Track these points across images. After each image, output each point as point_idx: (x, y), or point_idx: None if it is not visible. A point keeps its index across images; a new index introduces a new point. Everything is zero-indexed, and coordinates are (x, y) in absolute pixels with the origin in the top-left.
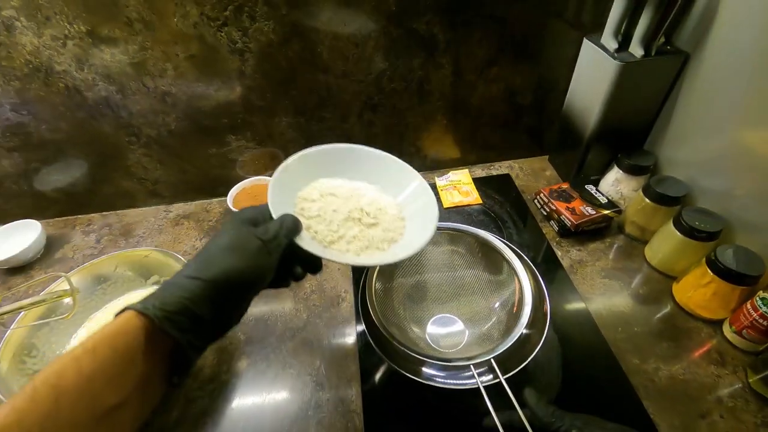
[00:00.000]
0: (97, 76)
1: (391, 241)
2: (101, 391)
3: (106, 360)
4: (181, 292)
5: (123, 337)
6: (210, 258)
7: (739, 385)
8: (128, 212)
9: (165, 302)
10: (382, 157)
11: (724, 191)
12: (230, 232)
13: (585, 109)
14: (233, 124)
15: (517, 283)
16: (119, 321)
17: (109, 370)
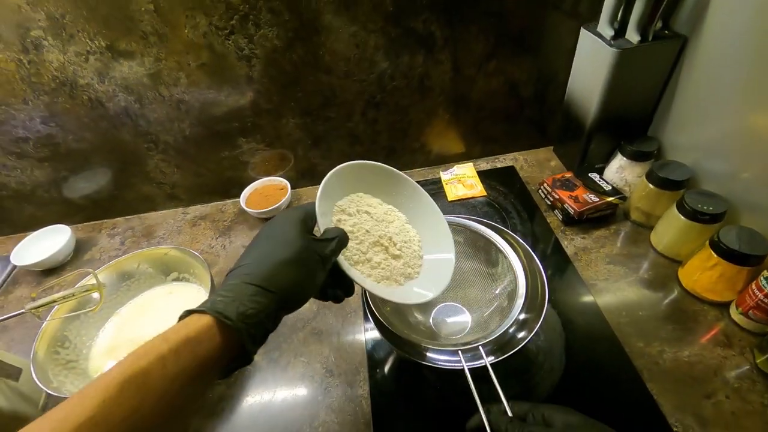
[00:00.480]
0: (116, 87)
1: (407, 276)
2: (178, 395)
3: (187, 365)
4: (257, 306)
5: (206, 344)
6: (277, 270)
7: (746, 366)
8: (149, 215)
9: (246, 315)
10: (418, 192)
11: (728, 173)
12: (295, 243)
13: (586, 98)
14: (243, 128)
15: (513, 270)
16: (198, 327)
17: (189, 375)
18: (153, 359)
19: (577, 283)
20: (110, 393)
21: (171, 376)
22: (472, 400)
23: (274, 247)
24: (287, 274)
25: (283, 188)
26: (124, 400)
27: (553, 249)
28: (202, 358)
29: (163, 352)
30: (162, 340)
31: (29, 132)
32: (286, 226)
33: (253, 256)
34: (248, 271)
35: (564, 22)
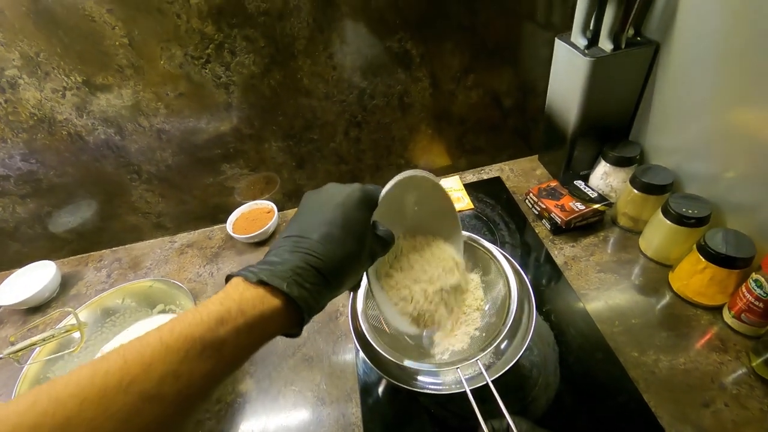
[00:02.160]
0: (96, 121)
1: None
2: (243, 361)
3: (255, 341)
4: (322, 300)
5: (275, 326)
6: (344, 265)
7: (742, 370)
8: (136, 246)
9: (312, 308)
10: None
11: (711, 175)
12: (362, 240)
13: (565, 107)
14: (226, 154)
15: (503, 282)
16: (275, 307)
17: (254, 348)
18: (231, 330)
19: (568, 293)
20: (193, 352)
21: (242, 347)
22: (469, 422)
23: (345, 238)
24: (349, 270)
25: (270, 211)
26: (202, 363)
27: (543, 259)
28: (269, 336)
29: (239, 325)
30: (239, 313)
31: (9, 170)
32: (359, 213)
33: (324, 237)
34: (318, 256)
35: (538, 33)
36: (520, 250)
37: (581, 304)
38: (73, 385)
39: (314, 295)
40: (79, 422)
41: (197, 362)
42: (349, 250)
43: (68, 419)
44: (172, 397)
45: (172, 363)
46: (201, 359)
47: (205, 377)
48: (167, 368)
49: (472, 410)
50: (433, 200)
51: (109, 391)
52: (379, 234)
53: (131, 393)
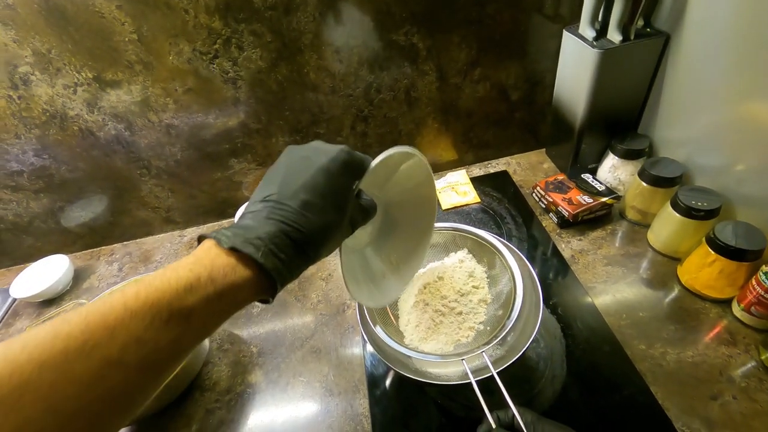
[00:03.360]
0: (106, 116)
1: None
2: (213, 328)
3: (225, 308)
4: (298, 268)
5: (245, 294)
6: (323, 236)
7: (752, 363)
8: (146, 240)
9: (287, 275)
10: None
11: (721, 167)
12: (344, 210)
13: (573, 99)
14: (234, 149)
15: (509, 275)
16: (247, 277)
17: (225, 315)
18: (200, 298)
19: (575, 286)
20: (159, 319)
21: (211, 315)
22: (475, 412)
23: (326, 206)
24: (328, 240)
25: None
26: (168, 331)
27: (550, 253)
28: (239, 304)
29: (209, 293)
30: (209, 281)
31: (23, 165)
32: (342, 179)
33: (304, 206)
34: (297, 227)
35: (546, 25)
36: (527, 243)
37: (588, 297)
38: (32, 347)
39: (288, 266)
40: (38, 386)
41: (163, 330)
42: (330, 220)
43: (26, 383)
44: (136, 363)
45: (137, 329)
46: (167, 327)
47: (171, 344)
48: (131, 334)
49: (477, 401)
50: (418, 184)
51: (70, 354)
52: (362, 203)
53: (94, 358)
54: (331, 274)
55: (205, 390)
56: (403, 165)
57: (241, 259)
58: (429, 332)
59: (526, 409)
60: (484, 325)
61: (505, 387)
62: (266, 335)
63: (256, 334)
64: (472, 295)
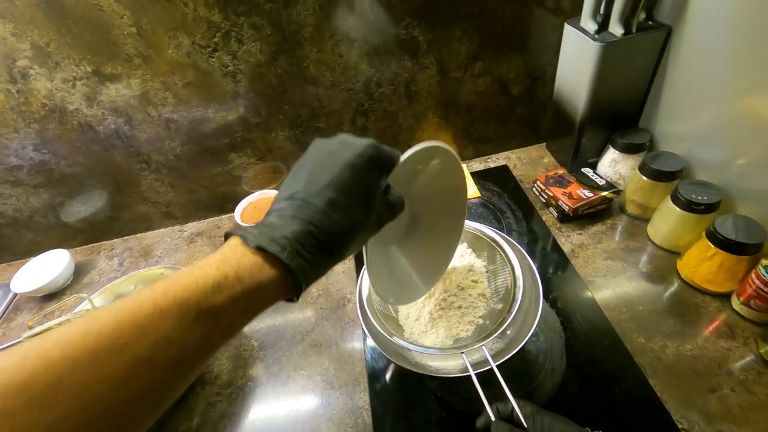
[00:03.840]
0: (105, 111)
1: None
2: (240, 327)
3: (251, 307)
4: (322, 270)
5: (272, 294)
6: (349, 238)
7: (750, 357)
8: (146, 235)
9: (311, 278)
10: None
11: (722, 161)
12: (370, 211)
13: (574, 93)
14: (234, 143)
15: (509, 269)
16: (274, 277)
17: (251, 315)
18: (228, 297)
19: (575, 280)
20: (188, 318)
21: (238, 314)
22: (475, 405)
23: (352, 205)
24: (354, 240)
25: None
26: (197, 330)
27: (550, 247)
28: (266, 303)
29: (236, 292)
30: (236, 280)
31: (22, 160)
32: (370, 176)
33: (330, 205)
34: (323, 227)
35: (547, 19)
36: (527, 237)
37: (588, 291)
38: (65, 344)
39: (314, 266)
40: (70, 384)
41: (191, 329)
42: (356, 220)
43: (59, 380)
44: (165, 362)
45: (166, 328)
46: (195, 326)
47: (199, 344)
48: (160, 333)
49: (477, 394)
50: (449, 182)
51: (101, 353)
52: (389, 200)
53: (124, 356)
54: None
55: (206, 383)
56: (433, 161)
57: (267, 258)
58: (429, 326)
59: (526, 401)
60: (483, 320)
61: (504, 380)
62: (267, 329)
63: (256, 328)
64: (472, 289)
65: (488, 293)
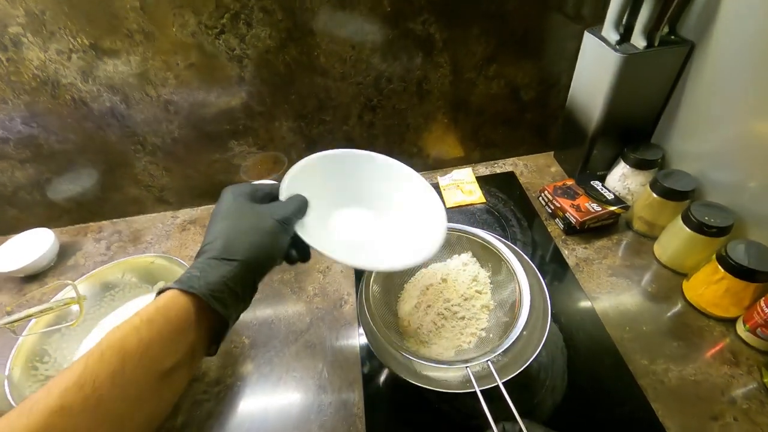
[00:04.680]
0: (101, 87)
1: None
2: (158, 355)
3: (162, 329)
4: (220, 273)
5: (174, 311)
6: (235, 240)
7: (753, 385)
8: (137, 219)
9: (209, 281)
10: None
11: (735, 184)
12: (245, 212)
13: (588, 104)
14: (235, 130)
15: (516, 283)
16: (167, 298)
17: (164, 337)
18: (128, 330)
19: (579, 295)
20: (92, 359)
21: (147, 341)
22: (475, 419)
23: (227, 221)
24: (244, 240)
25: None
26: (105, 364)
27: (554, 259)
28: (176, 323)
29: (135, 322)
30: (134, 315)
31: (9, 132)
32: (232, 201)
33: (212, 234)
34: (208, 248)
35: (567, 25)
36: (531, 248)
37: (592, 307)
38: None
39: (210, 275)
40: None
41: (97, 367)
42: (237, 227)
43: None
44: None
45: (71, 376)
46: (101, 362)
47: (115, 375)
48: (65, 383)
49: (475, 407)
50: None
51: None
52: (284, 202)
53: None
54: (329, 267)
55: (193, 380)
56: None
57: (163, 292)
58: (430, 336)
59: (536, 423)
60: (486, 332)
61: (499, 396)
62: (259, 327)
63: (248, 325)
64: (475, 300)
65: (491, 305)
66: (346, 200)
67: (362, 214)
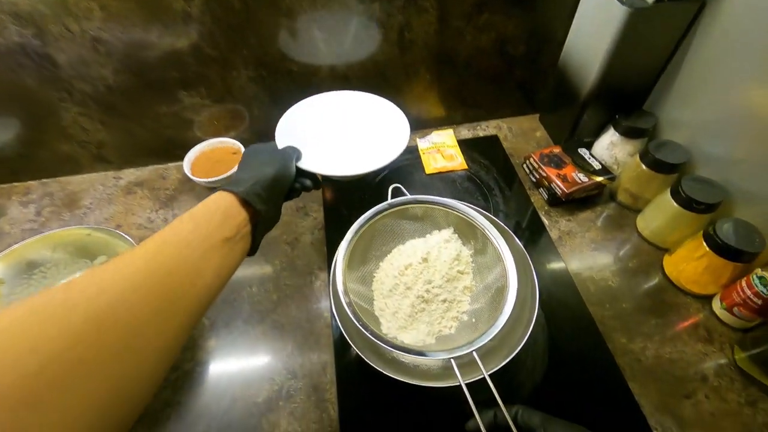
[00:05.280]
0: (4, 15)
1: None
2: (219, 225)
3: (217, 210)
4: (251, 183)
5: (222, 201)
6: (263, 165)
7: (724, 361)
8: (72, 179)
9: (244, 188)
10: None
11: (727, 157)
12: (262, 151)
13: (584, 63)
14: (184, 78)
15: (503, 266)
16: (211, 197)
17: (221, 214)
18: (186, 216)
19: (561, 272)
20: (151, 248)
21: (211, 211)
22: (451, 402)
23: (248, 159)
24: (263, 162)
25: (236, 152)
26: (185, 223)
27: (537, 232)
28: (223, 207)
29: (190, 210)
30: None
31: None
32: (249, 148)
33: (239, 170)
34: (240, 172)
35: None
36: (514, 220)
37: (574, 284)
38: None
39: (248, 182)
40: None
41: (157, 256)
42: (264, 157)
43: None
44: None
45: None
46: (161, 254)
47: (172, 262)
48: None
49: (455, 392)
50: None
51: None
52: (301, 181)
53: None
54: (297, 239)
55: None
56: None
57: (213, 194)
58: (409, 320)
59: (531, 409)
60: (468, 315)
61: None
62: (221, 305)
63: None
64: (457, 281)
65: (473, 286)
66: (328, 131)
67: (343, 137)
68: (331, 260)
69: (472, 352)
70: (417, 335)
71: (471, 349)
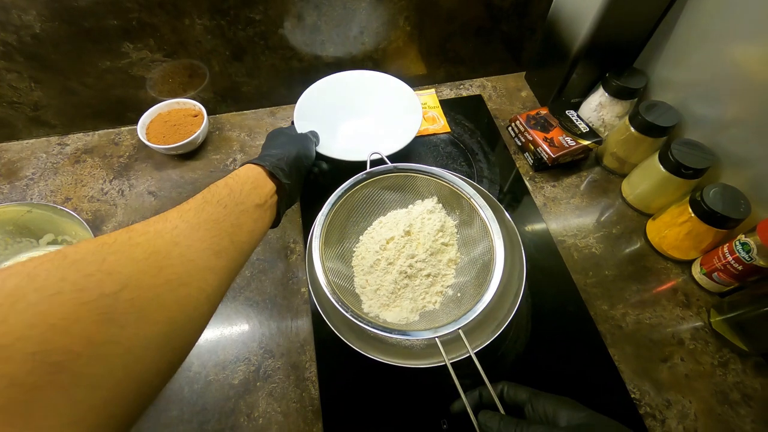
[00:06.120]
0: None
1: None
2: (250, 193)
3: (247, 180)
4: (276, 159)
5: (250, 172)
6: (285, 145)
7: (700, 324)
8: (8, 146)
9: (270, 162)
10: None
11: (717, 119)
12: (284, 134)
13: (576, 15)
14: (127, 28)
15: (489, 239)
16: (240, 169)
17: (251, 183)
18: (221, 183)
19: (546, 239)
20: (193, 206)
21: (242, 180)
22: (435, 376)
23: (272, 140)
24: (293, 146)
25: (197, 114)
26: (221, 188)
27: (521, 199)
28: (252, 177)
29: (225, 179)
30: (224, 184)
31: None
32: (273, 131)
33: (264, 150)
34: (265, 150)
35: None
36: (499, 186)
37: (558, 252)
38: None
39: (272, 159)
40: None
41: (202, 210)
42: (286, 139)
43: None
44: None
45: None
46: (204, 210)
47: (215, 218)
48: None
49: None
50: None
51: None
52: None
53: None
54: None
55: None
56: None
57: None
58: (392, 297)
59: (517, 385)
60: (452, 289)
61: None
62: None
63: None
64: (442, 254)
65: (458, 259)
66: (343, 114)
67: (358, 120)
68: (307, 233)
69: (458, 330)
70: (400, 312)
71: (456, 328)
